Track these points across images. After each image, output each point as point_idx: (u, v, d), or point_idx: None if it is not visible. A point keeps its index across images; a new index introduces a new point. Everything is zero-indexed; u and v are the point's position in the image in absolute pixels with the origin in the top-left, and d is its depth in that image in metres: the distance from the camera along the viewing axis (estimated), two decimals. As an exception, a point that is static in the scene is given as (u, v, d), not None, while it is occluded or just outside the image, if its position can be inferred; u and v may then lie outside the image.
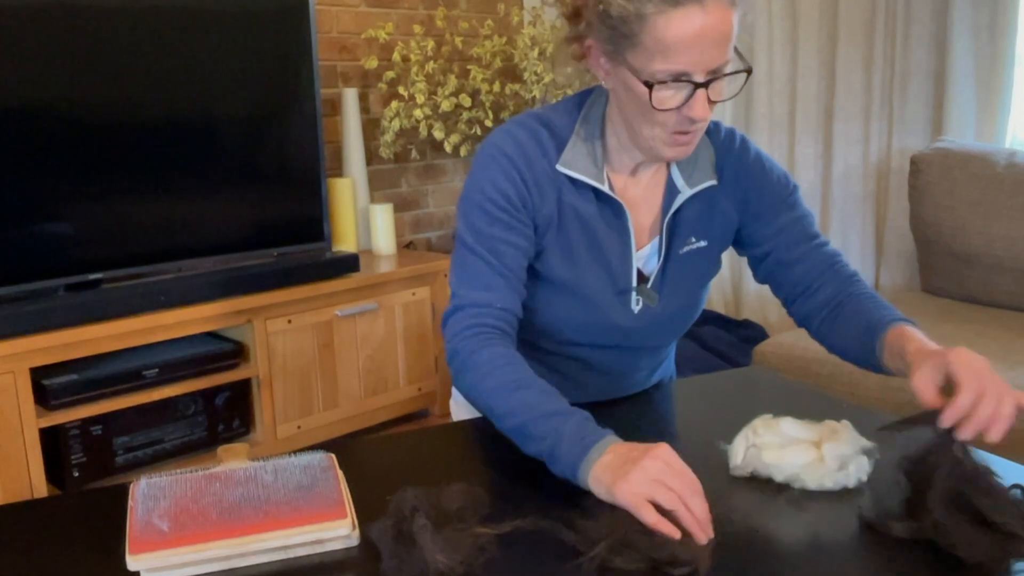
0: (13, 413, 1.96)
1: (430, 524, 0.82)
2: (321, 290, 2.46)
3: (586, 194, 1.15)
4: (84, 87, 2.12)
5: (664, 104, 1.03)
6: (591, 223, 1.16)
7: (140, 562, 0.83)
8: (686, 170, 1.18)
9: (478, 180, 1.14)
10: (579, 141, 1.15)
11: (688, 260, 1.21)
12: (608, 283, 1.18)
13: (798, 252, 1.22)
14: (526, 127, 1.16)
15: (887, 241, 2.81)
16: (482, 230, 1.12)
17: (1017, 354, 1.99)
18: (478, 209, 1.13)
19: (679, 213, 1.18)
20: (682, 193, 1.17)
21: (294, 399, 2.45)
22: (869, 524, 0.88)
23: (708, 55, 1.00)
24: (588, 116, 1.17)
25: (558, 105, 1.20)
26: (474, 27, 3.27)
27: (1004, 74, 2.54)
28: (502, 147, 1.14)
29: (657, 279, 1.20)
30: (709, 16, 0.98)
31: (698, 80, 1.01)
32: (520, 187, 1.13)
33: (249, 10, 2.37)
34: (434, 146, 3.18)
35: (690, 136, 1.07)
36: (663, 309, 1.20)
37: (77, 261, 2.14)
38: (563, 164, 1.14)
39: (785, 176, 1.23)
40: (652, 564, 0.82)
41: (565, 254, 1.16)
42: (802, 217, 1.23)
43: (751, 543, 0.87)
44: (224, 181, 2.38)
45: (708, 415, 1.27)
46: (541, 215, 1.14)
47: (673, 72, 1.00)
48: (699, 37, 0.98)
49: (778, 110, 2.98)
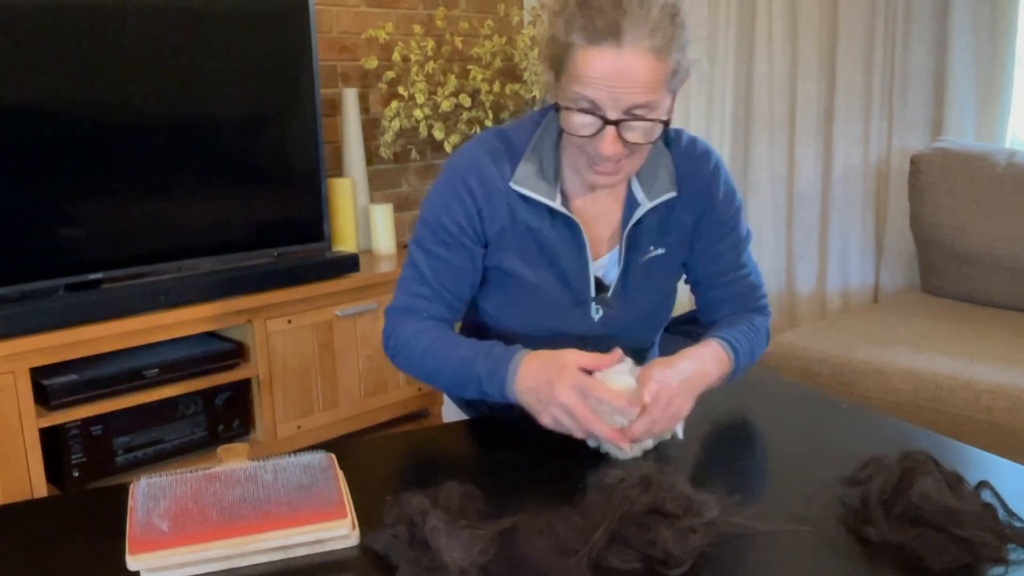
0: (13, 413, 1.96)
1: (442, 524, 0.82)
2: (321, 290, 2.46)
3: (539, 210, 1.20)
4: (84, 87, 2.12)
5: (575, 130, 1.09)
6: (545, 237, 1.21)
7: (140, 562, 0.83)
8: (646, 183, 1.22)
9: (434, 200, 1.23)
10: (533, 156, 1.20)
11: (648, 268, 1.25)
12: (566, 293, 1.24)
13: (723, 279, 1.29)
14: (485, 144, 1.22)
15: (887, 241, 2.81)
16: (428, 250, 1.22)
17: (1017, 354, 1.99)
18: (429, 231, 1.22)
19: (639, 224, 1.23)
20: (642, 206, 1.21)
21: (294, 399, 2.45)
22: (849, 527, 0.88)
23: (619, 94, 1.05)
24: (544, 133, 1.21)
25: (522, 119, 1.25)
26: (474, 27, 3.27)
27: (1004, 74, 2.54)
28: (460, 170, 1.21)
29: (618, 288, 1.24)
30: (623, 58, 1.03)
31: (609, 117, 1.06)
32: (470, 210, 1.20)
33: (249, 10, 2.37)
34: (434, 146, 3.17)
35: (610, 167, 1.11)
36: (624, 316, 1.25)
37: (77, 261, 2.14)
38: (515, 182, 1.19)
39: (732, 194, 1.28)
40: (646, 562, 0.82)
41: (523, 263, 1.23)
42: (737, 243, 1.29)
43: (742, 543, 0.87)
44: (224, 181, 2.38)
45: (708, 415, 1.27)
46: (492, 231, 1.21)
47: (586, 98, 1.06)
48: (611, 76, 1.04)
49: (778, 110, 2.98)
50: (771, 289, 3.06)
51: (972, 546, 0.81)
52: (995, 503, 0.87)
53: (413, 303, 1.23)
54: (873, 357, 2.05)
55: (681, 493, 0.88)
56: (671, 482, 0.90)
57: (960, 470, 0.91)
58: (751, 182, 3.03)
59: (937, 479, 0.87)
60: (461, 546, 0.81)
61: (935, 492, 0.85)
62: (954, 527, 0.82)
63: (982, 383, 1.87)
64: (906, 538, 0.83)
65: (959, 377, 1.90)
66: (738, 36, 3.04)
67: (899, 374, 1.98)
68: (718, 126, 3.11)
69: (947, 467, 0.90)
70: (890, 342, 2.12)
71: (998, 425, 1.82)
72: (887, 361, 2.02)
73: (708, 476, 1.03)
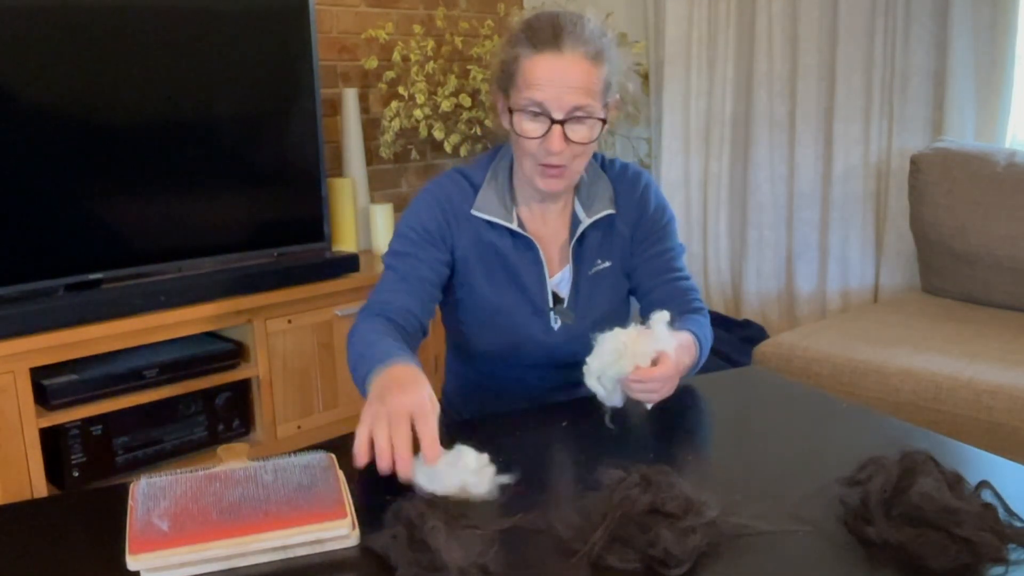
0: (13, 413, 1.96)
1: (441, 524, 0.83)
2: (321, 290, 2.46)
3: (500, 231, 1.37)
4: (84, 87, 2.12)
5: (526, 132, 1.26)
6: (507, 256, 1.37)
7: (140, 562, 0.83)
8: (586, 203, 1.39)
9: (406, 217, 1.37)
10: (491, 186, 1.37)
11: (597, 280, 1.41)
12: (527, 306, 1.38)
13: (657, 281, 1.41)
14: (450, 178, 1.39)
15: (887, 241, 2.81)
16: (399, 251, 1.34)
17: (1017, 354, 1.99)
18: (400, 238, 1.35)
19: (584, 240, 1.39)
20: (583, 222, 1.38)
21: (294, 399, 2.45)
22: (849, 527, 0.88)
23: (563, 95, 1.23)
24: (498, 166, 1.39)
25: (475, 161, 1.43)
26: (474, 27, 3.27)
27: (1004, 74, 2.54)
28: (431, 191, 1.38)
29: (571, 299, 1.40)
30: (565, 62, 1.23)
31: (555, 116, 1.24)
32: (440, 221, 1.35)
33: (249, 10, 2.37)
34: (434, 146, 3.17)
35: (557, 171, 1.28)
36: (579, 325, 1.38)
37: (77, 261, 2.14)
38: (476, 208, 1.36)
39: (662, 208, 1.44)
40: (646, 562, 0.82)
41: (488, 283, 1.37)
42: (669, 250, 1.43)
43: (742, 543, 0.87)
44: (224, 181, 2.38)
45: (708, 415, 1.27)
46: (459, 248, 1.36)
47: (534, 100, 1.24)
48: (553, 78, 1.23)
49: (778, 110, 2.97)
50: (771, 289, 3.07)
51: (972, 546, 0.81)
52: (995, 503, 0.87)
53: (377, 299, 1.31)
54: (873, 357, 2.05)
55: (681, 493, 0.88)
56: (671, 482, 0.90)
57: (960, 470, 0.91)
58: (751, 182, 3.03)
59: (937, 479, 0.87)
60: (461, 546, 0.81)
61: (935, 492, 0.85)
62: (954, 527, 0.82)
63: (982, 383, 1.87)
64: (906, 538, 0.83)
65: (959, 377, 1.90)
66: (738, 36, 3.04)
67: (899, 374, 1.98)
68: (718, 126, 3.11)
69: (947, 467, 0.90)
70: (890, 342, 2.12)
71: (998, 425, 1.82)
72: (887, 361, 2.02)
73: (708, 476, 1.03)
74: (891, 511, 0.86)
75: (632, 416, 1.20)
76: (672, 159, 3.17)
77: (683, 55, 3.10)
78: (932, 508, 0.84)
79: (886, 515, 0.86)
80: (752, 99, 3.00)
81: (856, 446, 1.10)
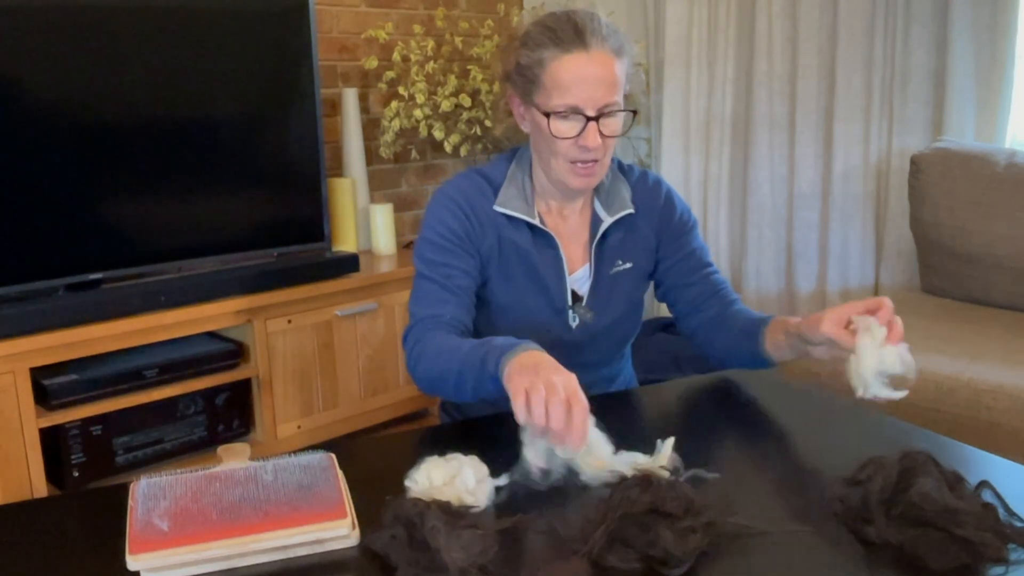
0: (13, 413, 1.96)
1: (441, 524, 0.83)
2: (321, 290, 2.46)
3: (521, 228, 1.37)
4: (84, 87, 2.12)
5: (561, 133, 1.26)
6: (528, 252, 1.36)
7: (140, 562, 0.83)
8: (606, 202, 1.40)
9: (429, 221, 1.36)
10: (511, 184, 1.38)
11: (617, 280, 1.41)
12: (547, 303, 1.38)
13: (693, 277, 1.43)
14: (468, 178, 1.39)
15: (887, 241, 2.81)
16: (433, 260, 1.33)
17: (1017, 354, 1.99)
18: (430, 244, 1.34)
19: (605, 240, 1.40)
20: (604, 222, 1.39)
21: (294, 399, 2.45)
22: (849, 527, 0.88)
23: (595, 93, 1.24)
24: (518, 164, 1.40)
25: (493, 162, 1.43)
26: (474, 27, 3.27)
27: (1004, 74, 2.54)
28: (449, 193, 1.37)
29: (591, 298, 1.40)
30: (593, 60, 1.24)
31: (589, 114, 1.24)
32: (464, 223, 1.34)
33: (249, 10, 2.37)
34: (434, 146, 3.17)
35: (590, 167, 1.29)
36: (598, 324, 1.40)
37: (77, 261, 2.14)
38: (499, 204, 1.36)
39: (687, 211, 1.46)
40: (646, 562, 0.82)
41: (507, 281, 1.37)
42: (699, 248, 1.45)
43: (742, 543, 0.87)
44: (224, 181, 2.38)
45: (708, 415, 1.27)
46: (483, 247, 1.36)
47: (568, 105, 1.24)
48: (586, 77, 1.23)
49: (778, 110, 2.97)
50: (771, 289, 3.07)
51: (972, 546, 0.81)
52: (995, 503, 0.87)
53: (428, 313, 1.29)
54: (873, 357, 2.05)
55: (681, 493, 0.88)
56: (671, 482, 0.90)
57: (960, 470, 0.90)
58: (751, 182, 3.03)
59: (937, 479, 0.87)
60: (461, 546, 0.81)
61: (935, 492, 0.85)
62: (954, 527, 0.82)
63: (982, 383, 1.87)
64: (906, 538, 0.83)
65: (959, 377, 1.90)
66: (738, 36, 3.04)
67: (899, 374, 1.98)
68: (718, 126, 3.11)
69: (947, 467, 0.90)
70: (890, 342, 2.11)
71: (998, 425, 1.82)
72: (887, 361, 2.02)
73: (708, 476, 1.03)
74: (891, 511, 0.86)
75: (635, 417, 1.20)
76: (672, 159, 3.17)
77: (683, 55, 3.10)
78: (932, 508, 0.84)
79: (886, 515, 0.86)
80: (752, 99, 3.00)
81: (856, 446, 1.10)
